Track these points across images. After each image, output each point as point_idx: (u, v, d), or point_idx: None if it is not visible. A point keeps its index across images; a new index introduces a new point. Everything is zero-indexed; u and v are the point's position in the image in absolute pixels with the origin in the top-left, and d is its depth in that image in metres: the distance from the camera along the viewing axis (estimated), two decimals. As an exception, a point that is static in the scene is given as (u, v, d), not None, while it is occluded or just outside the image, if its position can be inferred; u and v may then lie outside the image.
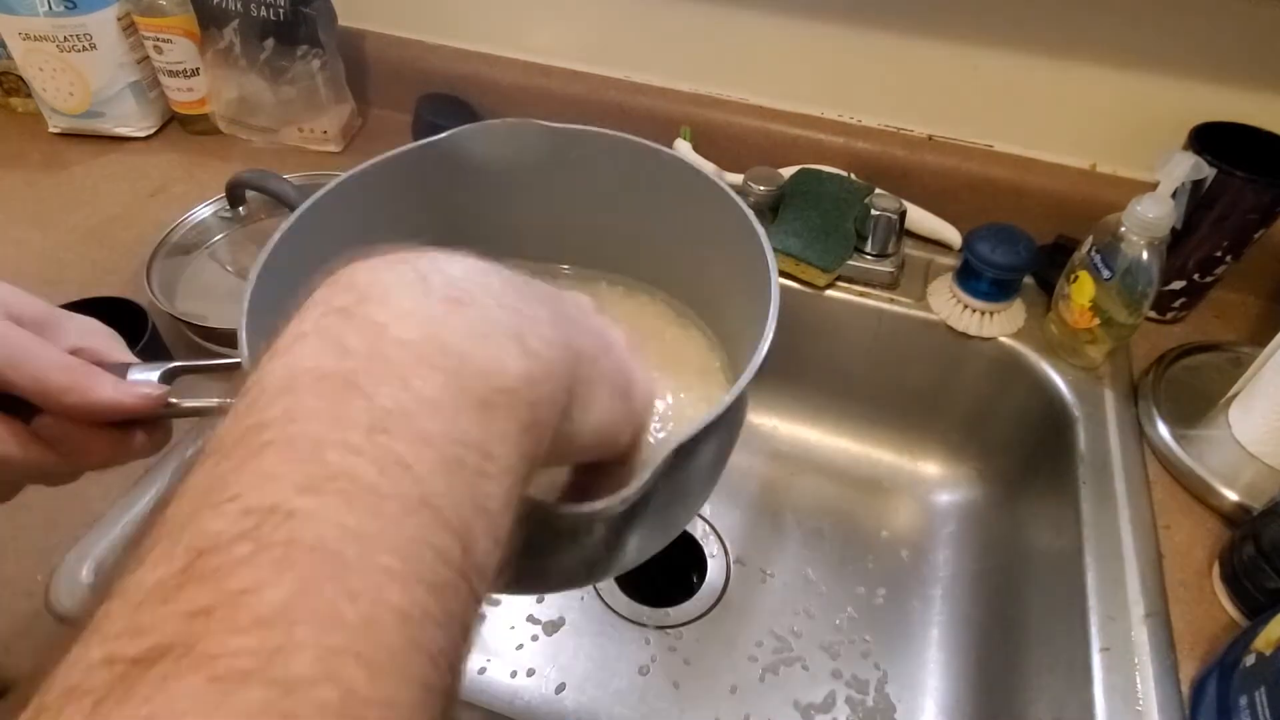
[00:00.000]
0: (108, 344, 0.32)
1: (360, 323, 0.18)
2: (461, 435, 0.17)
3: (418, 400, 0.17)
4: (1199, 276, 0.63)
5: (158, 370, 0.31)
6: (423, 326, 0.18)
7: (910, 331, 0.69)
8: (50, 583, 0.47)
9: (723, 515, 0.72)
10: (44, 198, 0.75)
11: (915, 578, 0.68)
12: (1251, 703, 0.39)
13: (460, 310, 0.19)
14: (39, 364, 0.28)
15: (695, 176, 0.41)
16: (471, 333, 0.18)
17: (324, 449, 0.16)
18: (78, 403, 0.28)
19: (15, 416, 0.29)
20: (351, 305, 0.18)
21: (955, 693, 0.61)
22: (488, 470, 0.17)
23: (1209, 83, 0.63)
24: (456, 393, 0.17)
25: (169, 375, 0.31)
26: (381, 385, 0.17)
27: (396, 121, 0.85)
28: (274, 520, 0.15)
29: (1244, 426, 0.55)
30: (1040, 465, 0.64)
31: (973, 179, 0.71)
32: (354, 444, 0.16)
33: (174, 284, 0.65)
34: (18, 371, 0.27)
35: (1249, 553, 0.46)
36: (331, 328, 0.18)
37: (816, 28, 0.70)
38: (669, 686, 0.61)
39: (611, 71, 0.79)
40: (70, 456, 0.30)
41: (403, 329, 0.18)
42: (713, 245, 0.41)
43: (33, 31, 0.74)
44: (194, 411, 0.33)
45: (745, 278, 0.38)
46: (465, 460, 0.17)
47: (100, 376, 0.29)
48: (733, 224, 0.39)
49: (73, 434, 0.29)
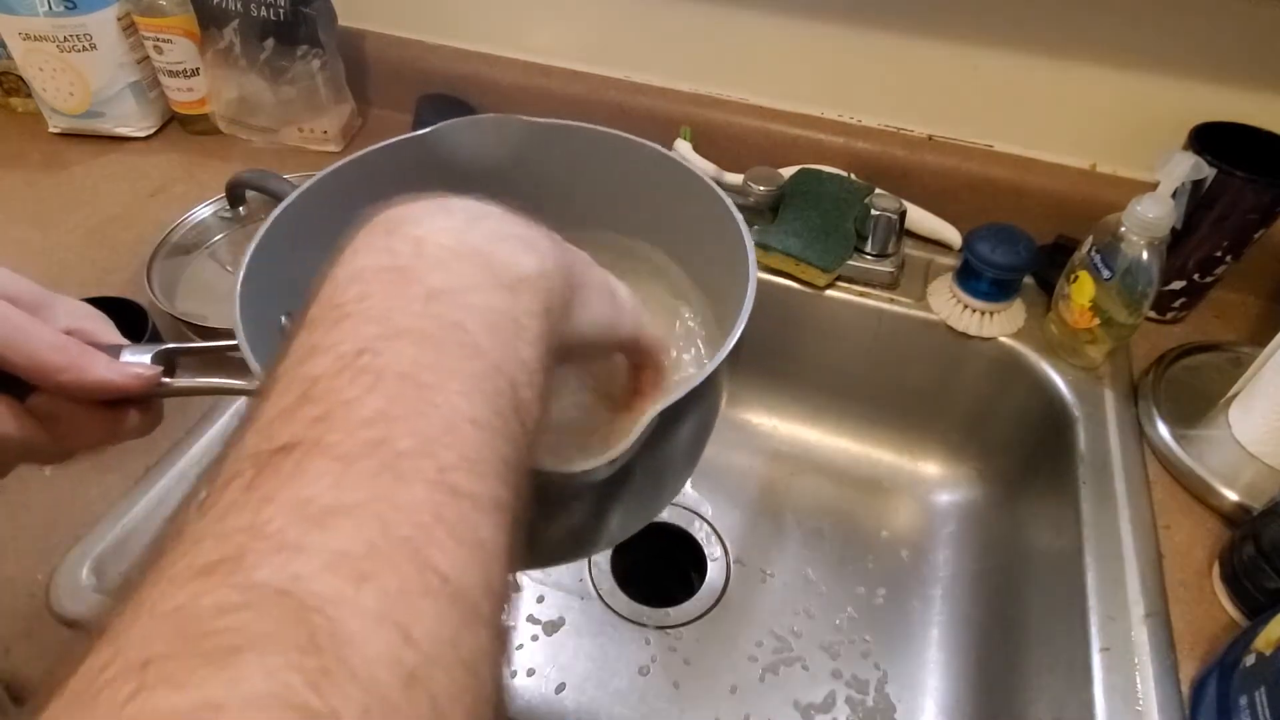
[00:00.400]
0: (98, 326, 0.32)
1: (402, 236, 0.22)
2: (498, 306, 0.21)
3: (460, 282, 0.21)
4: (1199, 276, 0.63)
5: (150, 351, 0.32)
6: (453, 235, 0.22)
7: (910, 331, 0.69)
8: (50, 583, 0.47)
9: (723, 515, 0.72)
10: (44, 198, 0.75)
11: (915, 578, 0.68)
12: (1251, 703, 0.39)
13: (479, 223, 0.23)
14: (34, 343, 0.28)
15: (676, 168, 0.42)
16: (492, 237, 0.23)
17: (393, 315, 0.20)
18: (72, 381, 0.29)
19: (10, 395, 0.29)
20: (393, 227, 0.22)
21: (955, 693, 0.61)
22: (522, 335, 0.21)
23: (1209, 83, 0.63)
24: (488, 278, 0.22)
25: (161, 357, 0.32)
26: (430, 273, 0.21)
27: (396, 121, 0.85)
28: (364, 359, 0.18)
29: (1244, 426, 0.55)
30: (1040, 465, 0.64)
31: (973, 179, 0.71)
32: (416, 311, 0.20)
33: (174, 284, 0.65)
34: (13, 350, 0.28)
35: (1249, 553, 0.46)
36: (379, 242, 0.22)
37: (816, 28, 0.71)
38: (669, 686, 0.61)
39: (611, 71, 0.79)
40: (64, 435, 0.30)
41: (438, 237, 0.22)
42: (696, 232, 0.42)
43: (33, 31, 0.74)
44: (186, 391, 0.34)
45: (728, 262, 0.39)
46: (503, 325, 0.21)
47: (95, 356, 0.30)
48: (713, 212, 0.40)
49: (67, 412, 0.30)
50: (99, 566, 0.48)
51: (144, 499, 0.51)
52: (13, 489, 0.51)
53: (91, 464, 0.53)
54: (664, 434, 0.31)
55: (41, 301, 0.31)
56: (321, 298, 0.21)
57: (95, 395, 0.30)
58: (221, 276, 0.68)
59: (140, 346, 0.32)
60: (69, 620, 0.45)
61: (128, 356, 0.31)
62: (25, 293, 0.30)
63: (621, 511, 0.36)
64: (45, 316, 0.30)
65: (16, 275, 0.30)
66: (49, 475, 0.52)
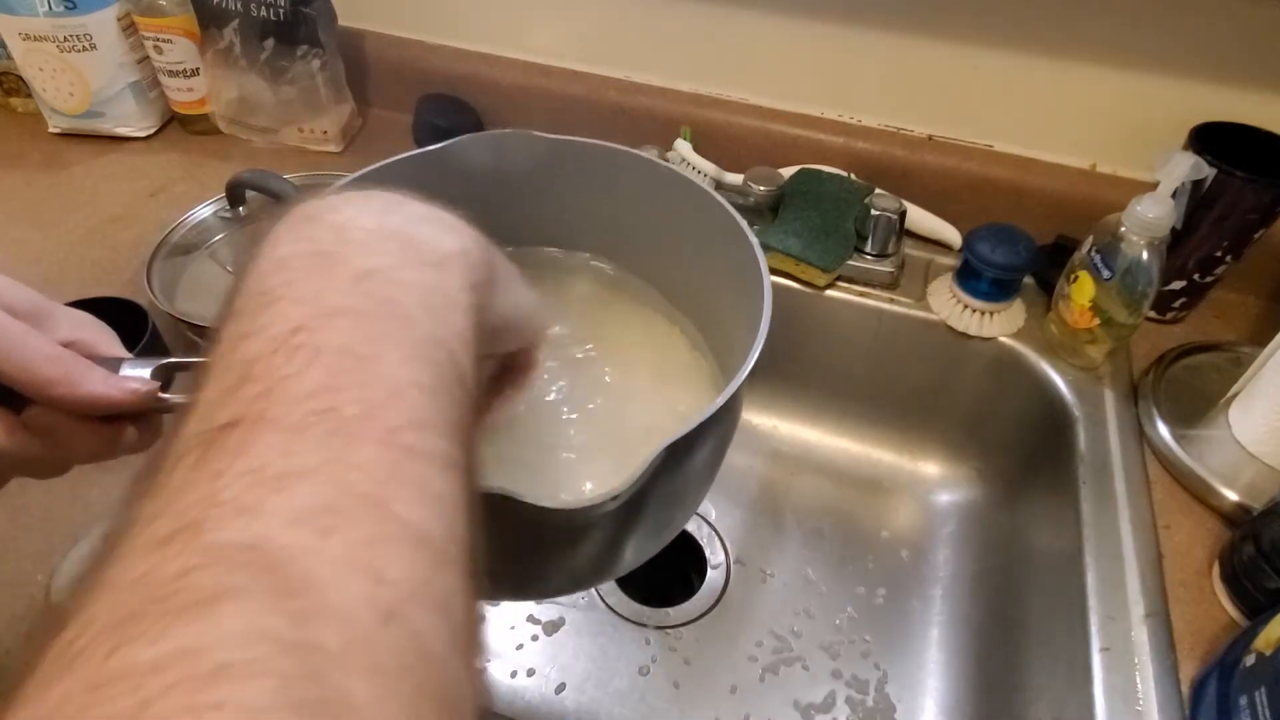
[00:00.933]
0: (100, 337, 0.32)
1: (324, 224, 0.22)
2: (427, 282, 0.21)
3: (386, 261, 0.21)
4: (1199, 276, 0.63)
5: (150, 366, 0.31)
6: (373, 219, 0.22)
7: (910, 331, 0.69)
8: (50, 583, 0.47)
9: (723, 515, 0.72)
10: (44, 198, 0.75)
11: (915, 578, 0.68)
12: (1251, 703, 0.39)
13: (398, 208, 0.23)
14: (28, 354, 0.28)
15: (690, 188, 0.42)
16: (412, 219, 0.23)
17: (323, 295, 0.19)
18: (66, 395, 0.28)
19: (6, 407, 0.28)
20: (311, 215, 0.22)
21: (955, 693, 0.61)
22: (453, 308, 0.22)
23: (1209, 83, 0.63)
24: (414, 256, 0.22)
25: (161, 371, 0.31)
26: (355, 256, 0.21)
27: (396, 121, 0.85)
28: (299, 336, 0.18)
29: (1244, 426, 0.55)
30: (1040, 465, 0.64)
31: (973, 179, 0.71)
32: (346, 289, 0.20)
33: (174, 284, 0.65)
34: (7, 361, 0.27)
35: (1249, 553, 0.46)
36: (303, 230, 0.22)
37: (816, 28, 0.70)
38: (669, 686, 0.61)
39: (611, 71, 0.79)
40: (59, 449, 0.30)
41: (359, 220, 0.22)
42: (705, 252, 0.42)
43: (33, 31, 0.74)
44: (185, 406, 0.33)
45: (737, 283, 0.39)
46: (433, 299, 0.21)
47: (90, 370, 0.29)
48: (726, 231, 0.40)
49: (62, 426, 0.29)
50: (99, 566, 0.48)
51: (144, 499, 0.51)
52: (13, 490, 0.51)
53: (91, 464, 0.52)
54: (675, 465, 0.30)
55: (42, 311, 0.30)
56: (246, 288, 0.21)
57: (89, 410, 0.29)
58: (221, 277, 0.68)
59: (140, 360, 0.31)
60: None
61: (127, 370, 0.31)
62: (24, 302, 0.29)
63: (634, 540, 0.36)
64: (45, 327, 0.29)
65: (17, 284, 0.30)
66: (49, 475, 0.52)
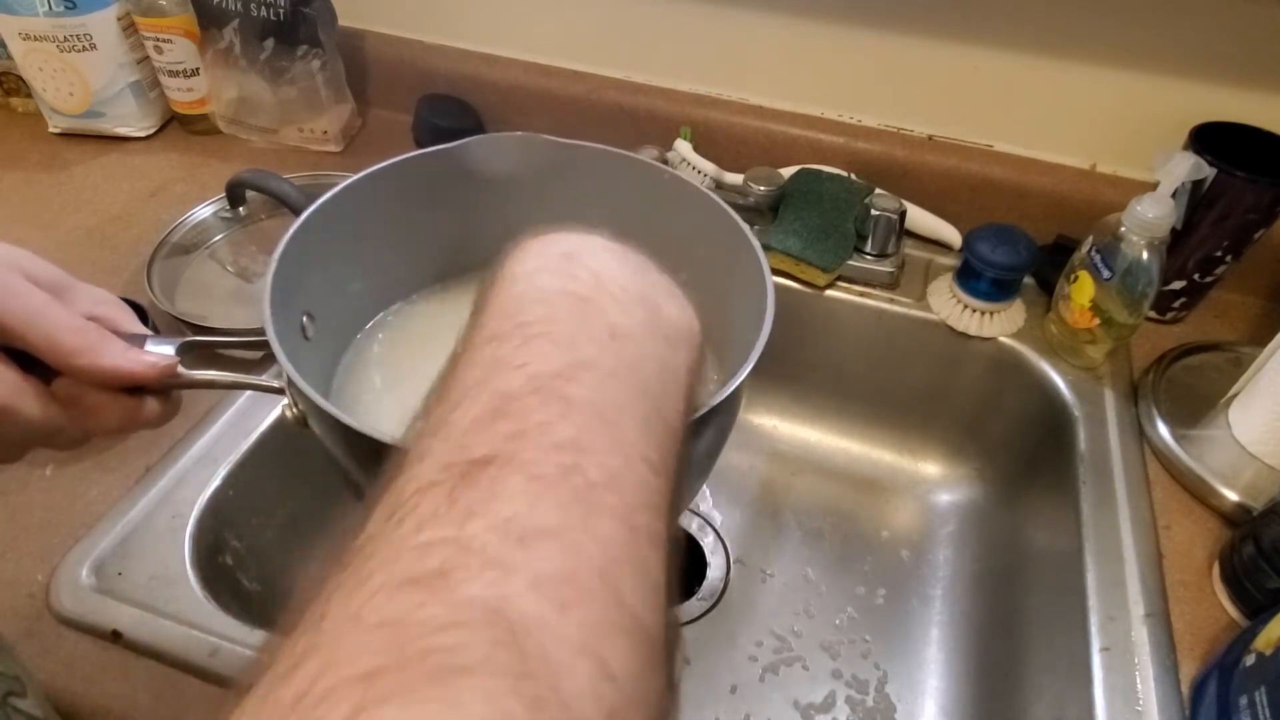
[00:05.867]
0: (121, 315, 0.33)
1: (582, 267, 0.23)
2: (664, 357, 0.23)
3: (636, 326, 0.23)
4: (1199, 276, 0.63)
5: (174, 344, 0.33)
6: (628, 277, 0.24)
7: (910, 331, 0.69)
8: (50, 583, 0.47)
9: (723, 515, 0.72)
10: (44, 198, 0.75)
11: (915, 578, 0.68)
12: (1251, 703, 0.39)
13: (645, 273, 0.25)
14: (52, 325, 0.29)
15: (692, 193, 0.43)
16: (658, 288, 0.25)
17: (579, 344, 0.21)
18: (87, 365, 0.29)
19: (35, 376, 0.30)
20: (570, 254, 0.24)
21: (955, 693, 0.61)
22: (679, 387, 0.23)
23: (1209, 83, 0.63)
24: (657, 329, 0.23)
25: (184, 348, 0.33)
26: (610, 309, 0.22)
27: (397, 122, 0.85)
28: (555, 383, 0.19)
29: (1244, 426, 0.55)
30: (1040, 465, 0.64)
31: (973, 179, 0.71)
32: (601, 343, 0.21)
33: (174, 284, 0.65)
34: (32, 330, 0.28)
35: (1249, 553, 0.46)
36: (562, 267, 0.23)
37: (816, 28, 0.70)
38: (669, 686, 0.61)
39: (611, 71, 0.79)
40: (84, 419, 0.31)
41: (615, 275, 0.24)
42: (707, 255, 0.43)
43: (33, 31, 0.74)
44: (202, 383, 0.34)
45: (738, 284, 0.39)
46: (666, 375, 0.23)
47: (111, 342, 0.30)
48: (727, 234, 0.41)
49: (87, 396, 0.30)
50: (99, 566, 0.47)
51: (144, 499, 0.51)
52: (13, 489, 0.51)
53: (92, 464, 0.53)
54: None
55: (65, 285, 0.31)
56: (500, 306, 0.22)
57: (110, 381, 0.30)
58: (221, 276, 0.68)
59: (164, 338, 0.33)
60: (69, 620, 0.45)
61: (151, 346, 0.32)
62: (48, 276, 0.30)
63: None
64: (68, 300, 0.31)
65: (41, 259, 0.31)
66: (49, 475, 0.52)
